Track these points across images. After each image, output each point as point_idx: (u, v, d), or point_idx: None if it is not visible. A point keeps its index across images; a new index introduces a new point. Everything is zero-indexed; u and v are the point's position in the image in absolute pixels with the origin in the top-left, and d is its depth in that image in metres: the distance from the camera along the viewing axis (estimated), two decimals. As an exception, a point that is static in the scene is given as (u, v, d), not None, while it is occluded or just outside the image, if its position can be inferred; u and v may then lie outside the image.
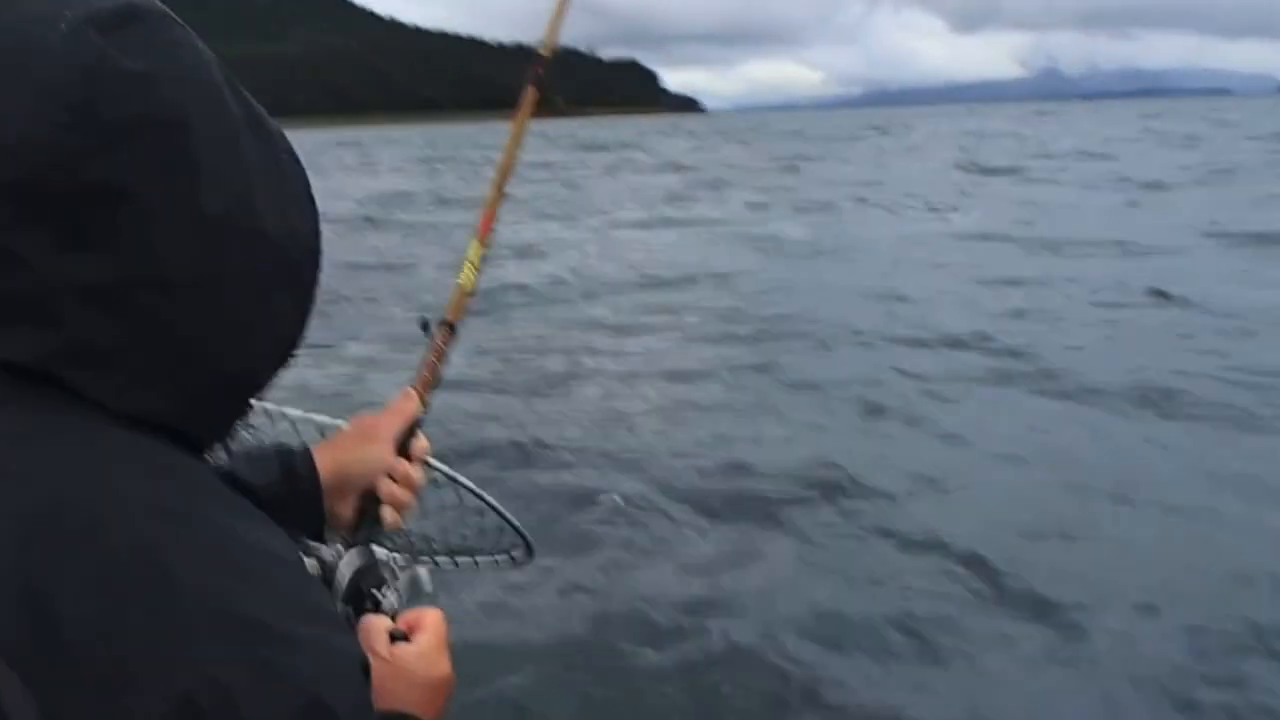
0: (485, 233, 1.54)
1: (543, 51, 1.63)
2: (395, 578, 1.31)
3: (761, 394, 8.15)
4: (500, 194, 1.57)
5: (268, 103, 0.94)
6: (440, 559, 2.08)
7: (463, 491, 1.95)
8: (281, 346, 0.93)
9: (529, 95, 1.61)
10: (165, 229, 0.80)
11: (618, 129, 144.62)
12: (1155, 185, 23.71)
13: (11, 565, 0.70)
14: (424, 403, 1.45)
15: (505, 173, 1.56)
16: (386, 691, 1.09)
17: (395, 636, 1.17)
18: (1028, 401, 7.67)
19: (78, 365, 0.79)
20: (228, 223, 0.84)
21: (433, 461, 1.86)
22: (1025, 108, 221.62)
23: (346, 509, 1.34)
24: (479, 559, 2.13)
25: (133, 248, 0.79)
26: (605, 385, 8.60)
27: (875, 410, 7.53)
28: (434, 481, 2.01)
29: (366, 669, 0.84)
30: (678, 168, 37.17)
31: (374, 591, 1.27)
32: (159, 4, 0.86)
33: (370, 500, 1.35)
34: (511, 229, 18.53)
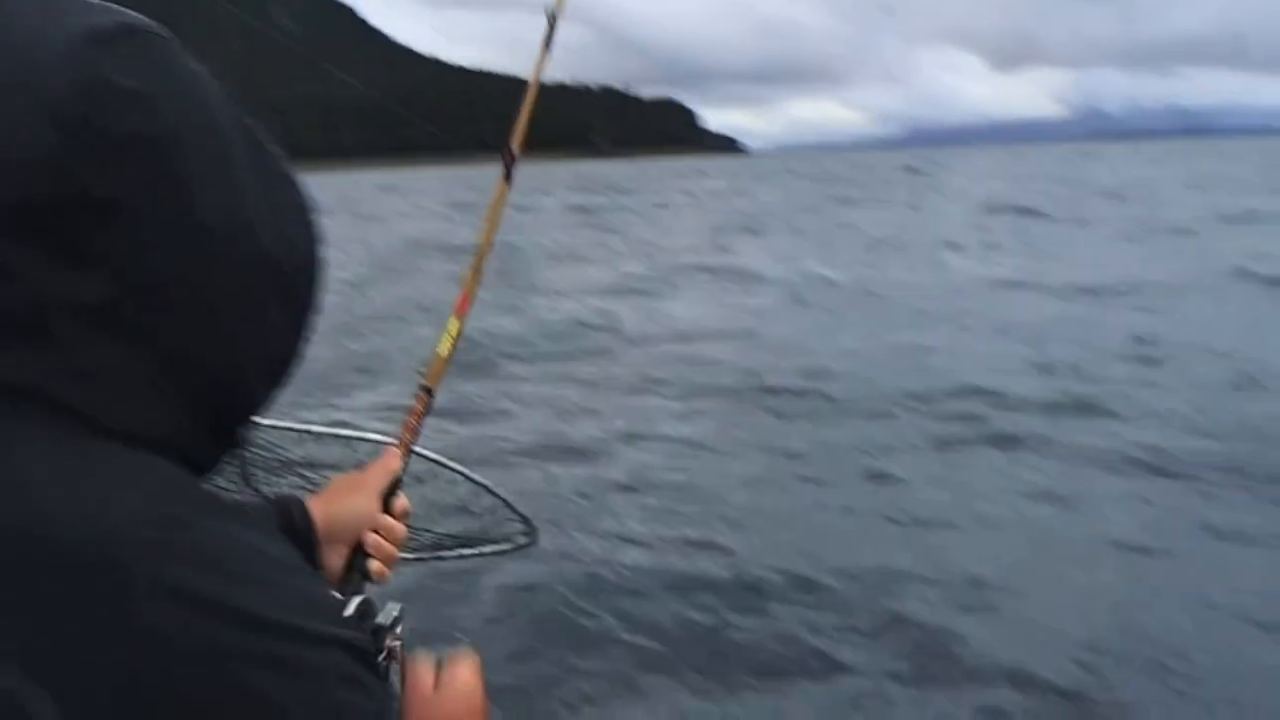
0: (464, 309, 1.74)
1: (513, 147, 1.83)
2: (398, 624, 1.32)
3: (766, 464, 7.67)
4: (478, 274, 1.74)
5: (317, 144, 0.93)
6: (446, 553, 2.17)
7: (466, 485, 2.09)
8: (276, 364, 0.94)
9: (500, 189, 1.79)
10: (159, 246, 0.82)
11: (653, 171, 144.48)
12: (1185, 230, 23.57)
13: (12, 580, 0.71)
14: (405, 462, 1.55)
15: (482, 255, 1.74)
16: None
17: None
18: (1048, 466, 7.43)
19: (71, 383, 0.79)
20: (221, 239, 0.85)
21: (438, 457, 1.99)
22: (1066, 148, 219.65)
23: (336, 559, 1.40)
24: (486, 549, 2.21)
25: (126, 264, 0.80)
26: (592, 451, 8.18)
27: (883, 480, 7.24)
28: (442, 477, 2.12)
29: (372, 660, 0.88)
30: (707, 212, 37.24)
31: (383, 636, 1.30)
32: (155, 23, 0.87)
33: (358, 552, 1.42)
34: (528, 273, 18.81)
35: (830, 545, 5.97)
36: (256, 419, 0.97)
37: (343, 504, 1.42)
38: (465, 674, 1.25)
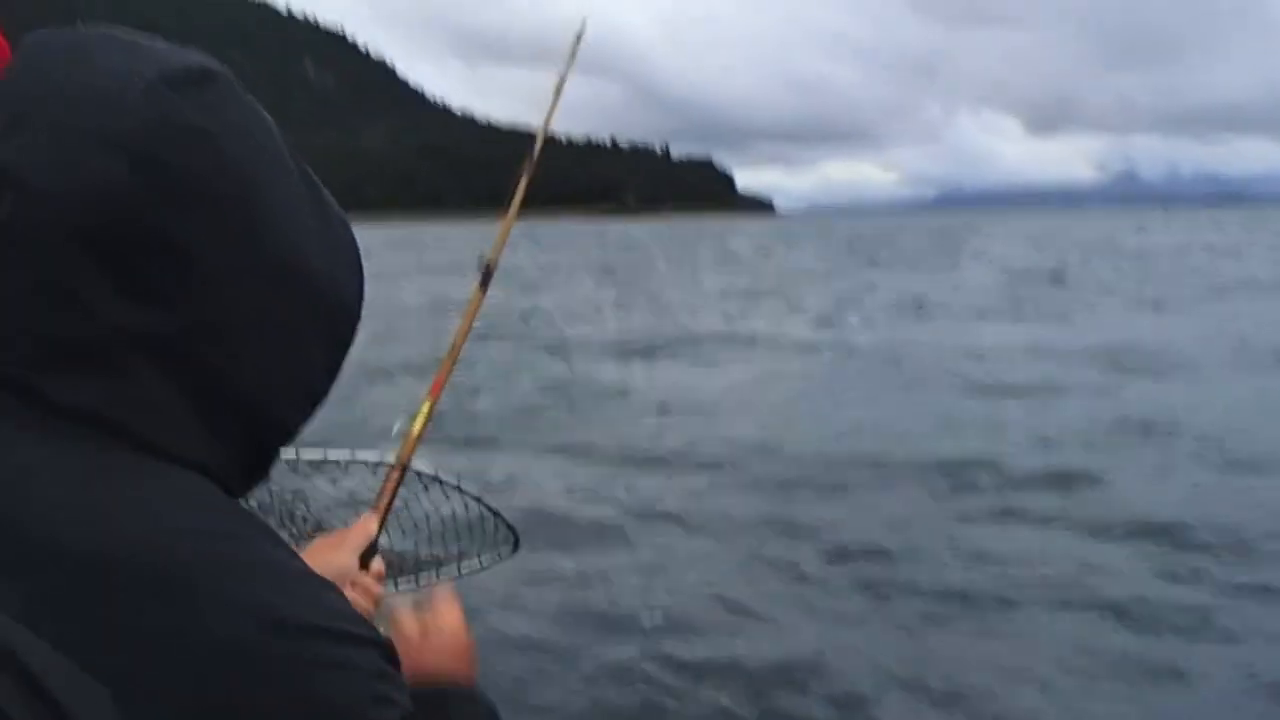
0: (436, 393, 1.98)
1: (489, 260, 2.07)
2: None
3: (780, 547, 7.23)
4: (451, 365, 1.95)
5: (341, 197, 0.99)
6: (427, 574, 2.20)
7: (445, 498, 2.12)
8: (313, 401, 0.98)
9: (476, 296, 2.01)
10: (220, 283, 0.85)
11: (681, 230, 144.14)
12: (1218, 293, 23.53)
13: (85, 595, 0.74)
14: (381, 527, 1.69)
15: (456, 350, 1.93)
16: (427, 665, 1.27)
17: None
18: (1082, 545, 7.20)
19: (129, 409, 0.83)
20: (280, 278, 0.89)
21: (422, 466, 2.00)
22: (1099, 213, 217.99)
23: None
24: (466, 566, 2.24)
25: (190, 299, 0.84)
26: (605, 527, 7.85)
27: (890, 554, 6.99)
28: (423, 488, 2.14)
29: (397, 658, 0.92)
30: (731, 277, 37.15)
31: None
32: (226, 69, 0.91)
33: None
34: (540, 332, 18.96)
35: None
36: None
37: (324, 559, 1.47)
38: (448, 615, 1.39)
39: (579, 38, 2.01)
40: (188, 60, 0.88)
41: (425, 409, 1.96)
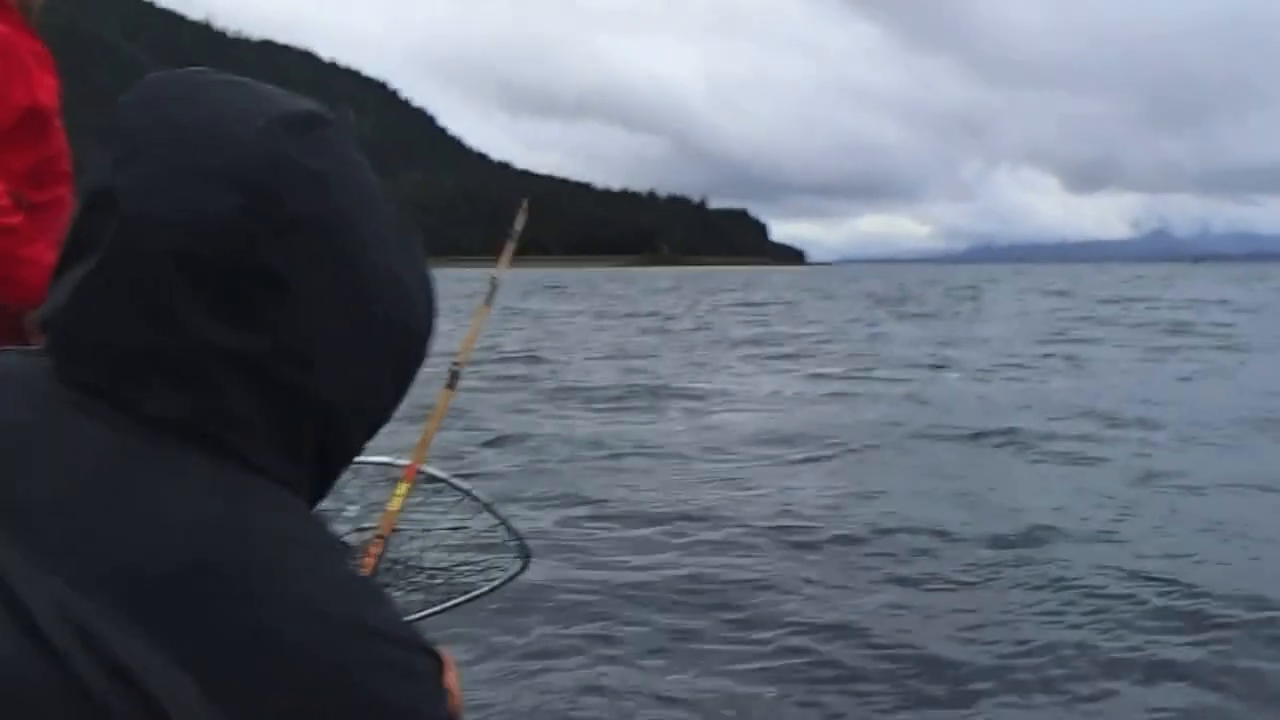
0: (411, 476, 2.37)
1: (458, 361, 2.44)
2: None
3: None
4: (425, 449, 2.31)
5: None
6: (438, 602, 2.30)
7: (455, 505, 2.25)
8: (380, 423, 1.03)
9: (444, 395, 2.38)
10: (312, 310, 0.89)
11: (708, 278, 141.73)
12: (1246, 348, 23.37)
13: (178, 595, 0.78)
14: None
15: (425, 445, 2.27)
16: None
17: None
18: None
19: (219, 423, 0.87)
20: (369, 310, 0.94)
21: (436, 471, 2.19)
22: (1130, 269, 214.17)
23: None
24: (481, 586, 2.31)
25: (281, 324, 0.88)
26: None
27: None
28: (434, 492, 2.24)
29: (448, 674, 0.97)
30: (758, 325, 36.53)
31: None
32: (332, 113, 0.96)
33: None
34: (550, 375, 18.43)
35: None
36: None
37: None
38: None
39: (524, 209, 2.41)
40: (299, 104, 0.94)
41: (403, 490, 2.34)
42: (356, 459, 1.04)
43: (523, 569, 2.36)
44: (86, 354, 0.88)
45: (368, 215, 0.94)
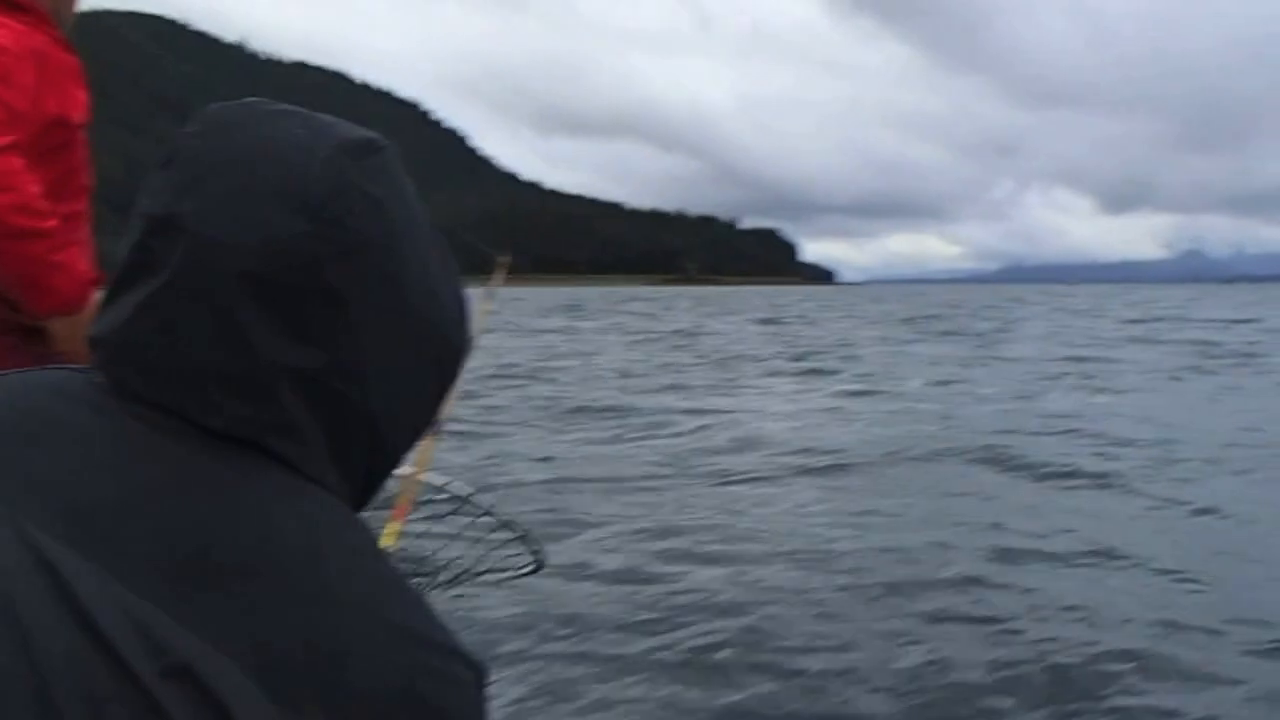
0: (399, 517, 2.42)
1: (439, 422, 2.45)
2: None
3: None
4: (410, 495, 2.37)
5: None
6: (449, 580, 2.36)
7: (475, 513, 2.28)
8: (420, 434, 1.06)
9: (427, 444, 2.45)
10: (366, 328, 0.93)
11: (736, 298, 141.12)
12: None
13: (249, 602, 0.81)
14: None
15: (409, 493, 2.38)
16: None
17: None
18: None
19: (280, 435, 0.91)
20: (416, 327, 0.98)
21: (447, 480, 2.23)
22: (1162, 290, 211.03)
23: None
24: (492, 574, 2.36)
25: (338, 340, 0.92)
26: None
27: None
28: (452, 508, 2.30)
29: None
30: (781, 344, 36.19)
31: None
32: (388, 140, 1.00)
33: None
34: (554, 394, 18.04)
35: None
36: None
37: None
38: None
39: (504, 266, 2.43)
40: (358, 132, 0.98)
41: (391, 530, 2.39)
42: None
43: (536, 567, 2.36)
44: (151, 370, 0.91)
45: (414, 236, 0.98)
